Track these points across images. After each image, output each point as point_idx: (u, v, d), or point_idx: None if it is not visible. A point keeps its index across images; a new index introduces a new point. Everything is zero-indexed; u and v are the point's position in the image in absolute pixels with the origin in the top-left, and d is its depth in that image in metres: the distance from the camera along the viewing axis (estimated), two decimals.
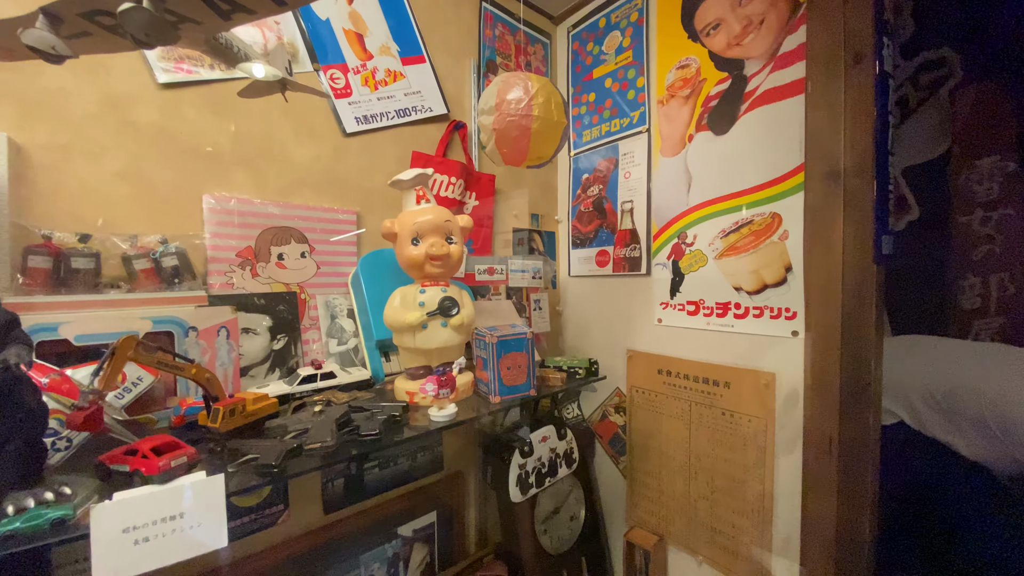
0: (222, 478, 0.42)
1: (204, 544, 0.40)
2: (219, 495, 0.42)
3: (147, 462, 0.44)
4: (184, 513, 0.40)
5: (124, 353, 0.46)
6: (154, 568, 0.38)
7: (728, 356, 0.96)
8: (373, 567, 0.96)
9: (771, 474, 0.89)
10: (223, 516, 0.41)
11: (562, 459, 1.01)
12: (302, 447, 0.50)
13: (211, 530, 0.41)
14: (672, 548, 1.07)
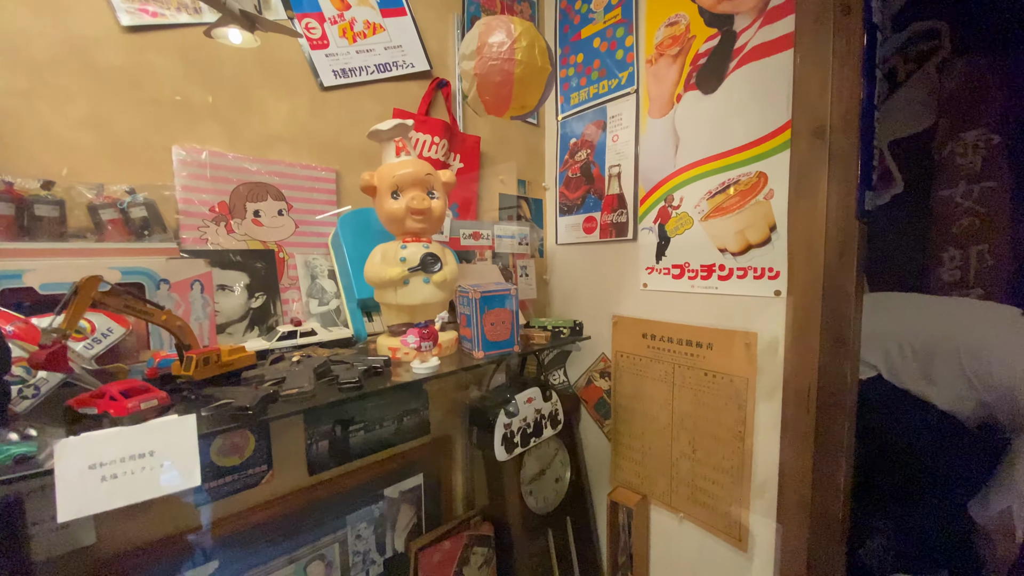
0: (193, 417, 0.41)
1: (176, 483, 0.39)
2: (191, 434, 0.41)
3: (115, 404, 0.43)
4: (154, 452, 0.39)
5: (87, 293, 0.44)
6: (123, 505, 0.37)
7: (711, 318, 0.97)
8: (360, 527, 0.97)
9: (751, 431, 0.91)
10: (195, 456, 0.41)
11: (547, 420, 1.02)
12: (278, 393, 0.50)
13: (183, 469, 0.40)
14: (654, 506, 1.10)
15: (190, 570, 0.75)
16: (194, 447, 0.41)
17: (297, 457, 0.90)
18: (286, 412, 0.49)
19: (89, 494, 0.36)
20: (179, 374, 0.53)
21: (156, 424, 0.40)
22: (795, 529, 0.87)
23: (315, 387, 0.53)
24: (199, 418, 0.44)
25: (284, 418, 0.49)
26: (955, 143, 1.73)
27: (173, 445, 0.40)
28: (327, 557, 0.92)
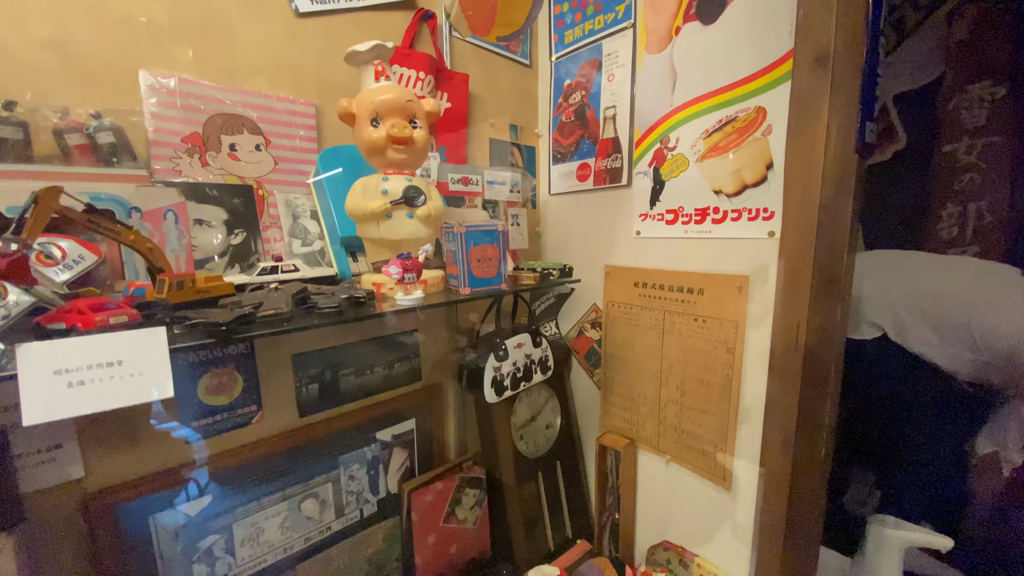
0: (163, 329, 0.40)
1: (147, 392, 0.39)
2: (161, 346, 0.40)
3: (83, 317, 0.42)
4: (123, 361, 0.38)
5: (48, 203, 0.42)
6: (93, 411, 0.37)
7: (704, 263, 0.96)
8: (352, 468, 0.99)
9: (738, 373, 0.91)
10: (167, 367, 0.40)
11: (537, 366, 1.02)
12: (255, 313, 0.48)
13: (154, 379, 0.39)
14: (642, 450, 1.12)
15: (182, 504, 0.77)
16: (165, 359, 0.40)
17: (287, 399, 0.90)
18: (261, 332, 0.48)
19: (55, 399, 0.35)
20: (153, 299, 0.51)
21: (124, 335, 0.39)
22: (778, 468, 0.88)
23: (293, 310, 0.52)
24: (171, 333, 0.42)
25: (261, 337, 0.48)
26: (961, 96, 1.68)
27: (143, 356, 0.39)
28: (320, 496, 0.94)
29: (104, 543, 0.69)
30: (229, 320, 0.44)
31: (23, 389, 0.34)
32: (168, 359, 0.40)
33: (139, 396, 0.38)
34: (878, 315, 1.29)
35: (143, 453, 0.74)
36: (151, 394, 0.39)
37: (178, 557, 0.76)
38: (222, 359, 0.80)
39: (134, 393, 0.38)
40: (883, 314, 1.28)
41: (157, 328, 0.40)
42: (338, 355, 0.96)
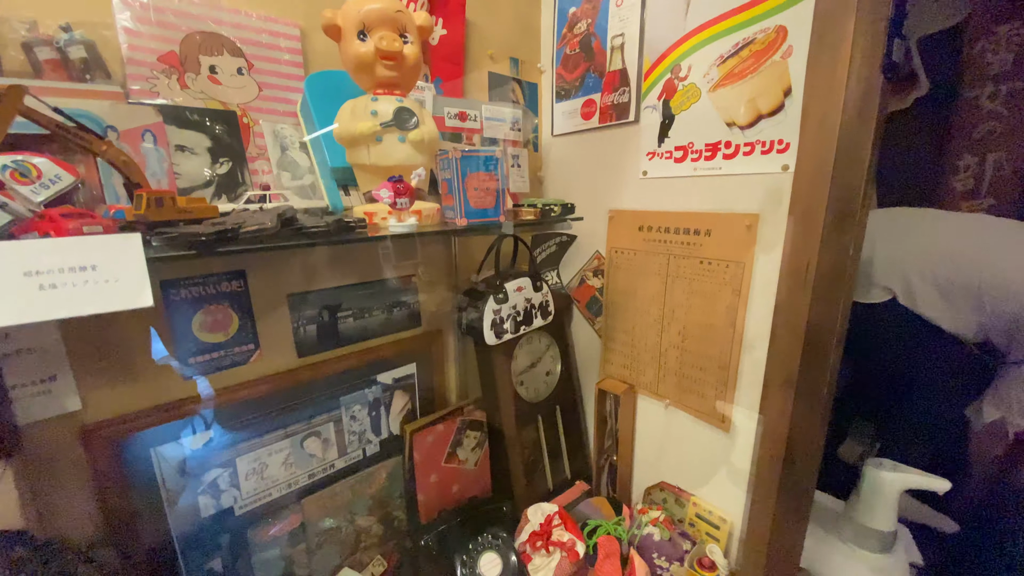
0: (138, 236, 0.38)
1: (123, 299, 0.37)
2: (136, 252, 0.38)
3: (55, 225, 0.39)
4: (97, 266, 0.36)
5: (13, 102, 0.39)
6: (68, 315, 0.35)
7: (712, 202, 0.92)
8: (354, 409, 1.00)
9: (743, 315, 0.90)
10: (144, 275, 0.38)
11: (537, 310, 1.01)
12: (238, 229, 0.46)
13: (130, 287, 0.37)
14: (641, 395, 1.13)
15: (184, 438, 0.77)
16: (142, 266, 0.38)
17: (285, 340, 0.89)
18: (243, 248, 0.46)
19: (27, 300, 0.34)
20: (131, 218, 0.49)
21: (97, 238, 0.37)
22: (778, 410, 0.88)
23: (278, 229, 0.49)
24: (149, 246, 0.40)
25: (244, 252, 0.46)
26: (987, 39, 1.58)
27: (118, 262, 0.37)
28: (323, 435, 0.95)
29: (106, 474, 0.70)
30: (210, 232, 0.42)
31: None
32: (145, 266, 0.38)
33: (115, 303, 0.36)
34: (888, 278, 1.27)
35: (141, 388, 0.74)
36: (128, 301, 0.37)
37: (183, 489, 0.78)
38: (215, 296, 0.79)
39: (110, 300, 0.36)
40: (893, 277, 1.26)
41: (132, 234, 0.38)
42: (335, 297, 0.94)
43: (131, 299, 0.37)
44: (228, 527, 0.82)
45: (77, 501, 0.69)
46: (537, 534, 0.98)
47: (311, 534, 0.91)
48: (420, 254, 1.07)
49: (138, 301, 0.37)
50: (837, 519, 1.17)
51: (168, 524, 0.76)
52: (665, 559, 0.95)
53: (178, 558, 0.77)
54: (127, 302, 0.37)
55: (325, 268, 0.92)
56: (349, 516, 0.97)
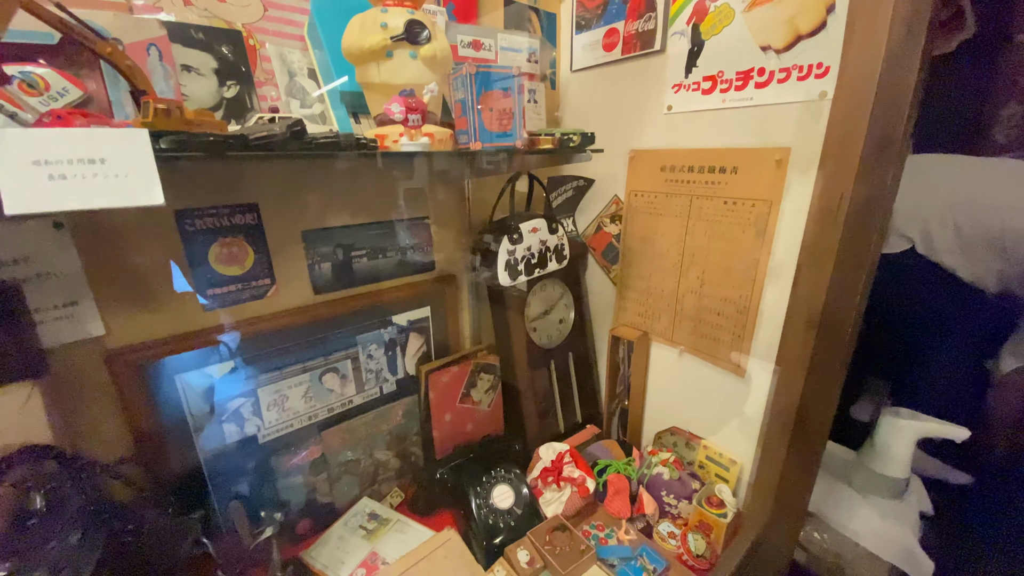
0: (145, 131, 0.37)
1: (133, 195, 0.36)
2: (144, 147, 0.37)
3: (61, 122, 0.38)
4: (105, 159, 0.35)
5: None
6: (78, 207, 0.34)
7: (740, 137, 0.87)
8: (370, 348, 1.01)
9: (766, 258, 0.87)
10: (153, 172, 0.37)
11: (552, 253, 0.99)
12: (248, 136, 0.45)
13: (140, 183, 0.36)
14: (655, 342, 1.12)
15: (207, 367, 0.79)
16: (150, 162, 0.37)
17: (300, 277, 0.90)
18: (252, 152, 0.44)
19: (37, 190, 0.33)
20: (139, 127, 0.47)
21: (104, 131, 0.36)
22: (797, 352, 0.87)
23: (288, 136, 0.48)
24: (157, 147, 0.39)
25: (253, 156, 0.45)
26: None
27: (126, 157, 0.36)
28: (340, 371, 0.97)
29: (132, 398, 0.73)
30: (219, 136, 0.41)
31: (2, 178, 0.32)
32: (153, 162, 0.37)
33: (125, 198, 0.36)
34: (908, 225, 1.22)
35: (163, 317, 0.75)
36: (138, 198, 0.36)
37: (208, 416, 0.81)
38: (230, 229, 0.79)
39: (120, 195, 0.36)
40: (914, 225, 1.21)
41: (139, 129, 0.37)
42: (349, 236, 0.93)
43: (141, 196, 0.36)
44: (252, 454, 0.86)
45: (105, 422, 0.72)
46: (548, 470, 1.00)
47: (332, 464, 0.95)
48: (433, 196, 1.05)
49: (148, 198, 0.37)
50: (848, 467, 1.18)
51: (195, 448, 0.79)
52: (674, 497, 0.97)
53: (206, 480, 0.81)
54: (137, 198, 0.36)
55: (338, 205, 0.91)
56: (368, 450, 1.00)
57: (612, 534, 0.94)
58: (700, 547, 0.88)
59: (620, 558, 0.87)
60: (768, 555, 1.00)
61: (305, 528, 0.92)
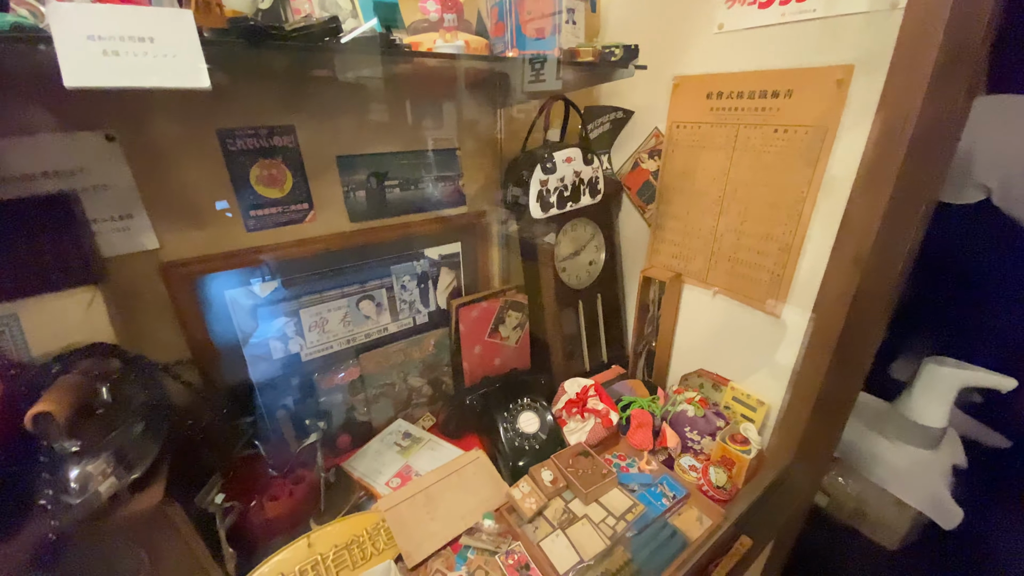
0: (190, 12, 0.37)
1: (181, 77, 0.37)
2: (190, 28, 0.37)
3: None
4: (154, 39, 0.36)
5: None
6: (130, 85, 0.35)
7: (799, 56, 0.80)
8: (404, 279, 1.03)
9: (815, 190, 0.82)
10: (199, 54, 0.37)
11: (586, 186, 0.96)
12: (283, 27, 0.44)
13: (187, 65, 0.37)
14: (688, 284, 1.09)
15: (253, 285, 0.83)
16: (196, 45, 0.37)
17: (336, 203, 0.91)
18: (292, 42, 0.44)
19: (92, 65, 0.34)
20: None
21: (150, 10, 0.36)
22: (841, 289, 0.83)
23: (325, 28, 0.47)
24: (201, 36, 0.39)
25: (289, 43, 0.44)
26: None
27: (174, 38, 0.37)
28: (376, 299, 1.00)
29: (186, 310, 0.78)
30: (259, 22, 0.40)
31: (59, 49, 0.33)
32: (198, 44, 0.37)
33: (174, 79, 0.37)
34: (987, 173, 1.11)
35: (209, 234, 0.79)
36: (186, 79, 0.37)
37: (254, 331, 0.86)
38: (268, 150, 0.80)
39: (169, 75, 0.36)
40: (993, 172, 1.10)
41: (184, 10, 0.37)
42: (382, 164, 0.94)
43: (188, 78, 0.37)
44: (296, 370, 0.91)
45: (162, 330, 0.78)
46: (573, 402, 1.03)
47: (368, 386, 1.00)
48: (464, 126, 1.03)
49: (195, 80, 0.37)
50: (880, 416, 1.16)
51: (244, 360, 0.84)
52: (697, 433, 0.99)
53: (255, 391, 0.87)
54: (185, 80, 0.37)
55: (371, 132, 0.91)
56: (402, 375, 1.05)
57: (633, 464, 0.97)
58: (721, 479, 0.90)
59: (641, 484, 0.90)
60: (789, 495, 1.01)
61: (345, 443, 0.99)
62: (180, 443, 0.69)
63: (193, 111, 0.72)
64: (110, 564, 0.60)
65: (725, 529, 0.82)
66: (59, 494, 0.54)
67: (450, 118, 0.99)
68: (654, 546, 0.77)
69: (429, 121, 0.97)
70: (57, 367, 0.60)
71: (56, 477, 0.54)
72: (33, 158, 0.63)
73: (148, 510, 0.58)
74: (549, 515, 0.83)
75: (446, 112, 0.99)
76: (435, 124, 0.98)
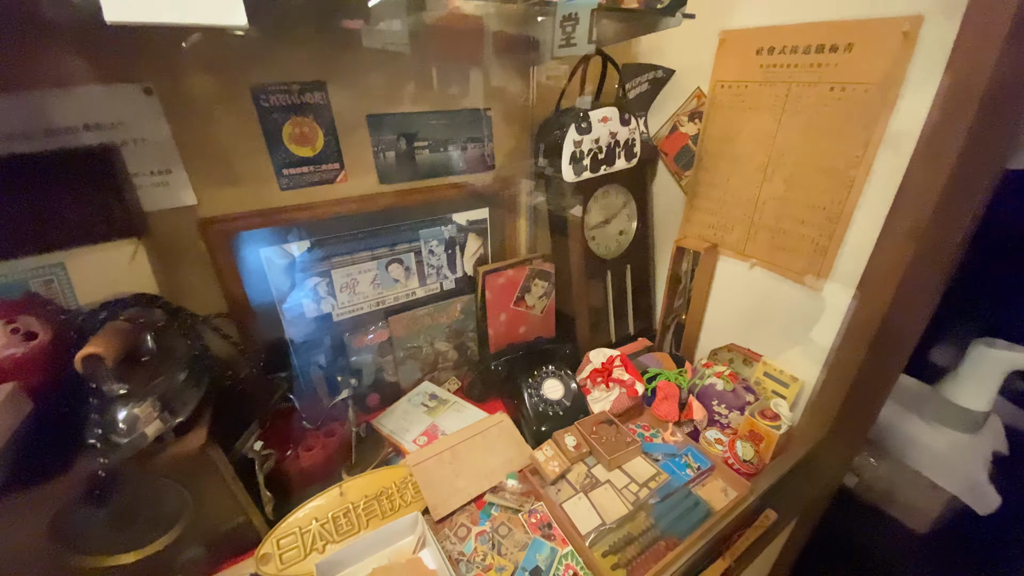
0: None
1: (220, 13, 0.36)
2: None
3: None
4: None
5: None
6: (169, 21, 0.35)
7: (861, 5, 0.73)
8: (432, 243, 1.03)
9: (872, 154, 0.76)
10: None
11: (622, 149, 0.92)
12: None
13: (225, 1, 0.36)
14: (723, 255, 1.06)
15: (286, 244, 0.85)
16: None
17: (366, 163, 0.91)
18: None
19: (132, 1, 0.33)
20: None
21: None
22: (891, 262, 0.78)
23: None
24: None
25: None
26: None
27: None
28: (405, 263, 1.00)
29: (223, 265, 0.79)
30: None
31: None
32: None
33: (212, 15, 0.36)
34: None
35: (245, 192, 0.80)
36: (223, 16, 0.36)
37: (288, 289, 0.87)
38: (300, 107, 0.79)
39: (207, 11, 0.35)
40: None
41: None
42: (411, 124, 0.92)
43: (226, 15, 0.36)
44: (328, 330, 0.93)
45: (201, 284, 0.80)
46: (598, 371, 1.02)
47: (397, 348, 1.02)
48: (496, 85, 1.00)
49: (232, 18, 0.36)
50: (919, 398, 1.11)
51: (279, 317, 0.87)
52: (725, 407, 0.97)
53: (289, 348, 0.89)
54: (222, 17, 0.36)
55: (400, 90, 0.89)
56: (429, 339, 1.06)
57: (657, 434, 0.96)
58: (748, 454, 0.89)
59: (665, 454, 0.90)
60: (818, 472, 0.99)
61: (374, 401, 1.02)
62: (220, 393, 0.72)
63: (227, 65, 0.72)
64: (157, 501, 0.64)
65: (751, 501, 0.82)
66: (108, 434, 0.57)
67: (481, 77, 0.96)
68: (677, 513, 0.77)
69: (460, 80, 0.94)
70: (104, 314, 0.62)
71: (104, 418, 0.57)
72: (75, 110, 0.64)
73: (192, 452, 0.61)
74: (572, 479, 0.84)
75: (477, 71, 0.95)
76: (466, 83, 0.95)
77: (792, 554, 1.10)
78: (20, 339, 0.57)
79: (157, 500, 0.64)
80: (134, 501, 0.62)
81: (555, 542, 0.73)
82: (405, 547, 0.71)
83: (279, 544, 0.69)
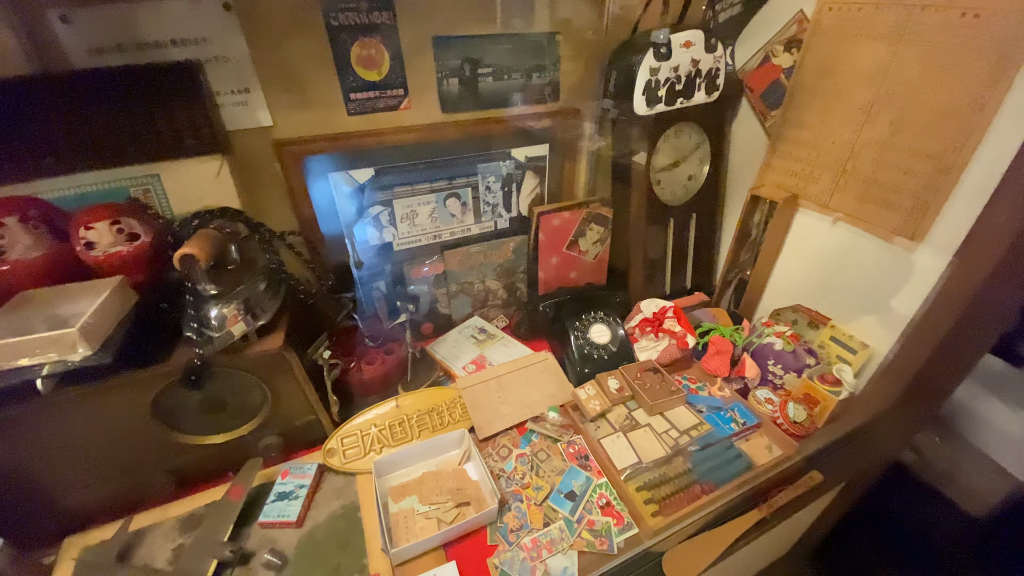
0: None
1: None
2: None
3: None
4: None
5: None
6: None
7: None
8: (489, 179, 1.02)
9: (1000, 96, 0.64)
10: None
11: (703, 80, 0.84)
12: None
13: None
14: (803, 208, 0.97)
15: (352, 170, 0.87)
16: None
17: (430, 90, 0.89)
18: None
19: None
20: None
21: None
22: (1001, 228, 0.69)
23: None
24: None
25: None
26: None
27: None
28: (462, 198, 1.01)
29: (296, 186, 0.84)
30: None
31: None
32: None
33: None
34: None
35: (315, 116, 0.82)
36: None
37: (353, 215, 0.91)
38: (367, 28, 0.78)
39: None
40: None
41: None
42: (477, 48, 0.88)
43: None
44: (389, 258, 0.98)
45: (275, 203, 0.85)
46: (648, 321, 1.01)
47: (451, 282, 1.05)
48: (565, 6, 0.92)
49: None
50: (1003, 379, 1.01)
51: (344, 241, 0.91)
52: (782, 367, 0.93)
53: (353, 272, 0.94)
54: None
55: (469, 9, 0.85)
56: (480, 276, 1.08)
57: (704, 387, 0.95)
58: (800, 416, 0.86)
59: (710, 407, 0.89)
60: (873, 444, 0.95)
61: (428, 329, 1.07)
62: (295, 305, 0.78)
63: None
64: (242, 393, 0.73)
65: (795, 461, 0.80)
66: (202, 328, 0.64)
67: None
68: (716, 463, 0.77)
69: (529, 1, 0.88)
70: (196, 222, 0.68)
71: (199, 314, 0.64)
72: (162, 24, 0.66)
73: (271, 353, 0.68)
74: (612, 418, 0.86)
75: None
76: (535, 4, 0.88)
77: (832, 518, 1.09)
78: (125, 239, 0.64)
79: (242, 392, 0.72)
80: (222, 391, 0.71)
81: (591, 472, 0.77)
82: (452, 459, 0.77)
83: (343, 442, 0.77)
